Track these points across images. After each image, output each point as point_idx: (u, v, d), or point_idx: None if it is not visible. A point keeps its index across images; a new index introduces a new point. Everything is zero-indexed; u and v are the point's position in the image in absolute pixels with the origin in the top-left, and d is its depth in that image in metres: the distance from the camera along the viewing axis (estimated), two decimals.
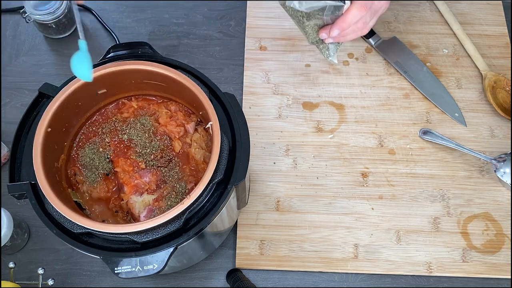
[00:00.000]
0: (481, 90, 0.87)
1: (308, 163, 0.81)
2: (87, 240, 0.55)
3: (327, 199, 0.79)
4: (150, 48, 0.63)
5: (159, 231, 0.53)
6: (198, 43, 0.92)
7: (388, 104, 0.86)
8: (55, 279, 0.69)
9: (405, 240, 0.76)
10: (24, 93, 0.88)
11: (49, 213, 0.55)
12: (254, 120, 0.84)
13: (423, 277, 0.75)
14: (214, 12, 0.95)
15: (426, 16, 0.94)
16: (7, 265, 0.68)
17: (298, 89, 0.87)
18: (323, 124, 0.84)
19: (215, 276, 0.75)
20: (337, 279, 0.75)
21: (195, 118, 0.65)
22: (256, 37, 0.91)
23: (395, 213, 0.78)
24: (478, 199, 0.79)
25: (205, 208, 0.55)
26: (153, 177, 0.60)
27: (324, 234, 0.76)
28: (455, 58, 0.90)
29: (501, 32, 0.92)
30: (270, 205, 0.78)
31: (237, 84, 0.89)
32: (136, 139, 0.62)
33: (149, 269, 0.53)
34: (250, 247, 0.76)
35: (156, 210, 0.58)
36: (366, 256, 0.75)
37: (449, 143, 0.81)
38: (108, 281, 0.75)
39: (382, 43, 0.90)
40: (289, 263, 0.75)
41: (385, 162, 0.81)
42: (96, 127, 0.64)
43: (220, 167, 0.55)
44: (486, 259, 0.75)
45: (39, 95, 0.60)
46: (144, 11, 0.95)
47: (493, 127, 0.84)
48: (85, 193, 0.61)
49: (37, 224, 0.77)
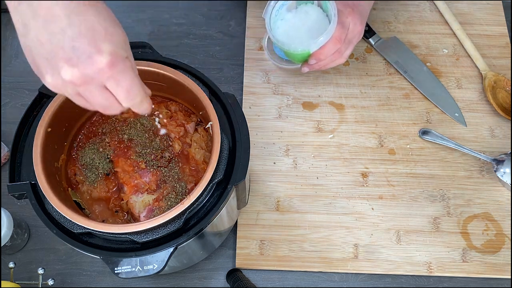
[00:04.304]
0: (481, 90, 0.87)
1: (308, 163, 0.81)
2: (87, 240, 0.55)
3: (327, 199, 0.79)
4: (150, 48, 0.63)
5: (159, 231, 0.53)
6: (198, 43, 0.92)
7: (388, 104, 0.86)
8: (55, 279, 0.69)
9: (405, 240, 0.76)
10: (24, 93, 0.88)
11: (49, 213, 0.55)
12: (254, 120, 0.84)
13: (423, 277, 0.75)
14: (214, 12, 0.95)
15: (426, 16, 0.94)
16: (7, 265, 0.68)
17: (298, 89, 0.87)
18: (323, 124, 0.84)
19: (215, 276, 0.76)
20: (337, 279, 0.75)
21: (195, 118, 0.65)
22: (256, 37, 0.91)
23: (395, 213, 0.78)
24: (478, 199, 0.79)
25: (205, 208, 0.55)
26: (153, 177, 0.60)
27: (324, 234, 0.76)
28: (455, 58, 0.90)
29: (501, 32, 0.92)
30: (270, 205, 0.78)
31: (237, 84, 0.89)
32: (136, 139, 0.62)
33: (149, 269, 0.53)
34: (250, 247, 0.76)
35: (156, 210, 0.58)
36: (366, 256, 0.75)
37: (449, 143, 0.81)
38: (108, 281, 0.75)
39: (382, 43, 0.90)
40: (289, 263, 0.75)
41: (385, 162, 0.81)
42: (96, 127, 0.64)
43: (220, 167, 0.55)
44: (486, 259, 0.75)
45: (39, 95, 0.60)
46: (144, 11, 0.95)
47: (493, 127, 0.84)
48: (85, 193, 0.61)
49: (37, 224, 0.77)
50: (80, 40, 0.42)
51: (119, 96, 0.46)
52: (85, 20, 0.42)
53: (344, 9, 0.73)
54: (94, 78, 0.43)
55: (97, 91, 0.45)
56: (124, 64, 0.45)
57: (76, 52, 0.42)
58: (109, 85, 0.45)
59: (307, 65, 0.78)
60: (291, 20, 0.77)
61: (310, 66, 0.78)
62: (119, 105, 0.47)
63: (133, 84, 0.46)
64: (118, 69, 0.44)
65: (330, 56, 0.75)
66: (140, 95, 0.47)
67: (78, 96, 0.46)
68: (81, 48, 0.42)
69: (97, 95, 0.45)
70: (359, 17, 0.74)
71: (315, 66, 0.77)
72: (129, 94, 0.46)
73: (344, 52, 0.76)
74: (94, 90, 0.45)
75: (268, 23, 0.76)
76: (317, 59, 0.75)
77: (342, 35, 0.73)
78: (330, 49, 0.73)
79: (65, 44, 0.42)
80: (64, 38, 0.42)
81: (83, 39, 0.42)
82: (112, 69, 0.43)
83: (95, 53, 0.42)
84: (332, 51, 0.74)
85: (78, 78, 0.43)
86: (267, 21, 0.76)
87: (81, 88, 0.44)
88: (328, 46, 0.73)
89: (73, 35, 0.42)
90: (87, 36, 0.42)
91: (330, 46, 0.73)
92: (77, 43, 0.42)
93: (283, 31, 0.77)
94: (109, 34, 0.43)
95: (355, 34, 0.75)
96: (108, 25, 0.44)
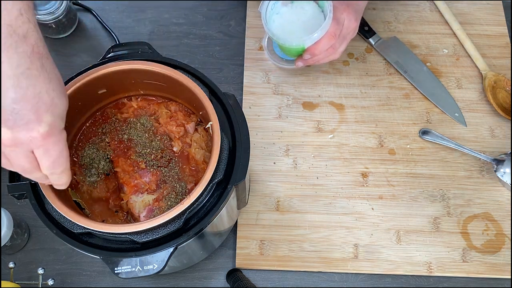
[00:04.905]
0: (481, 90, 0.87)
1: (308, 163, 0.81)
2: (87, 240, 0.55)
3: (327, 199, 0.79)
4: (150, 48, 0.63)
5: (159, 231, 0.53)
6: (198, 43, 0.92)
7: (388, 104, 0.86)
8: (55, 279, 0.69)
9: (405, 240, 0.76)
10: None
11: (49, 213, 0.54)
12: (254, 120, 0.84)
13: (423, 277, 0.75)
14: (214, 12, 0.95)
15: (426, 16, 0.94)
16: (7, 265, 0.68)
17: (298, 89, 0.87)
18: (323, 124, 0.84)
19: (215, 276, 0.75)
20: (337, 279, 0.75)
21: (195, 118, 0.64)
22: (256, 37, 0.91)
23: (395, 213, 0.78)
24: (478, 199, 0.79)
25: (205, 208, 0.55)
26: (153, 177, 0.60)
27: (324, 234, 0.76)
28: (455, 58, 0.90)
29: (501, 32, 0.92)
30: (270, 205, 0.78)
31: (237, 84, 0.89)
32: (136, 139, 0.62)
33: (149, 269, 0.53)
34: (250, 247, 0.76)
35: (156, 210, 0.58)
36: (366, 256, 0.75)
37: (449, 143, 0.81)
38: (108, 281, 0.75)
39: (382, 43, 0.90)
40: (289, 263, 0.75)
41: (385, 162, 0.81)
42: (96, 127, 0.64)
43: (220, 167, 0.55)
44: (486, 259, 0.75)
45: None
46: (144, 11, 0.95)
47: (493, 127, 0.84)
48: (85, 193, 0.61)
49: (37, 224, 0.77)
50: (22, 104, 0.41)
51: (43, 164, 0.45)
52: (34, 86, 0.41)
53: (339, 5, 0.74)
54: (24, 144, 0.43)
55: (23, 154, 0.44)
56: (59, 136, 0.44)
57: (14, 115, 0.41)
58: (37, 153, 0.44)
59: (301, 59, 0.79)
60: (287, 15, 0.78)
61: (304, 61, 0.79)
62: (40, 172, 0.46)
63: (61, 156, 0.45)
64: (51, 140, 0.43)
65: (324, 51, 0.76)
66: (63, 167, 0.46)
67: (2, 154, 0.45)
68: (20, 112, 0.41)
69: (21, 158, 0.44)
70: (354, 14, 0.75)
71: (309, 61, 0.78)
72: (54, 165, 0.45)
73: (338, 48, 0.77)
74: (20, 154, 0.44)
75: (264, 17, 0.77)
76: (312, 54, 0.76)
77: (337, 31, 0.74)
78: (324, 45, 0.74)
79: (7, 106, 0.41)
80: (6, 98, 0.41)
81: (26, 104, 0.41)
82: (46, 140, 0.43)
83: (34, 121, 0.42)
84: (327, 47, 0.75)
85: (9, 140, 0.42)
86: (263, 15, 0.77)
87: (8, 150, 0.44)
88: (323, 42, 0.74)
89: (16, 98, 0.41)
90: (30, 102, 0.41)
91: (324, 41, 0.74)
92: (18, 106, 0.41)
93: (279, 25, 0.78)
94: (53, 105, 0.43)
95: (349, 30, 0.76)
96: (55, 95, 0.43)
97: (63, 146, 0.45)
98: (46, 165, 0.45)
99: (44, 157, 0.45)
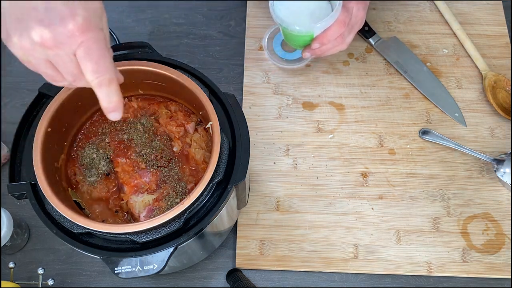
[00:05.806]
0: (481, 90, 0.87)
1: (308, 163, 0.81)
2: (87, 240, 0.55)
3: (327, 199, 0.79)
4: (150, 48, 0.63)
5: (159, 231, 0.53)
6: (198, 43, 0.92)
7: (388, 104, 0.86)
8: (55, 279, 0.69)
9: (405, 240, 0.76)
10: (24, 93, 0.88)
11: (49, 213, 0.54)
12: (254, 120, 0.84)
13: (423, 277, 0.75)
14: (214, 12, 0.95)
15: (426, 16, 0.94)
16: (7, 265, 0.68)
17: (298, 89, 0.87)
18: (323, 124, 0.84)
19: (215, 276, 0.75)
20: (337, 279, 0.75)
21: (195, 118, 0.65)
22: (256, 37, 0.91)
23: (395, 213, 0.78)
24: (478, 199, 0.79)
25: (205, 208, 0.55)
26: (153, 177, 0.60)
27: (324, 234, 0.76)
28: (455, 58, 0.90)
29: (501, 32, 0.92)
30: (270, 205, 0.78)
31: (237, 84, 0.89)
32: (136, 139, 0.62)
33: (149, 269, 0.53)
34: (250, 247, 0.76)
35: (156, 210, 0.58)
36: (366, 256, 0.75)
37: (449, 143, 0.81)
38: (108, 281, 0.75)
39: (382, 43, 0.90)
40: (289, 263, 0.75)
41: (385, 162, 0.81)
42: (96, 127, 0.64)
43: (220, 167, 0.55)
44: (486, 259, 0.75)
45: (39, 95, 0.60)
46: (144, 11, 0.95)
47: (493, 127, 0.84)
48: (85, 193, 0.61)
49: (37, 224, 0.77)
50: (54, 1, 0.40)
51: (87, 67, 0.43)
52: None
53: None
54: (64, 43, 0.41)
55: (67, 57, 0.43)
56: (97, 34, 0.42)
57: (49, 13, 0.40)
58: (79, 54, 0.42)
59: (309, 49, 0.77)
60: (295, 3, 0.76)
61: (312, 51, 0.77)
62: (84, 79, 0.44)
63: (104, 57, 0.43)
64: (90, 36, 0.42)
65: (333, 40, 0.74)
66: (109, 72, 0.44)
67: (46, 63, 0.44)
68: (54, 9, 0.40)
69: (67, 61, 0.43)
70: (362, 3, 0.74)
71: (317, 51, 0.77)
72: (98, 67, 0.43)
73: (346, 37, 0.75)
74: (64, 56, 0.42)
75: (271, 4, 0.75)
76: (321, 42, 0.74)
77: (346, 19, 0.73)
78: (334, 32, 0.73)
79: (39, 5, 0.40)
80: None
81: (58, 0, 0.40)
82: (84, 35, 0.41)
83: (68, 16, 0.41)
84: (336, 35, 0.73)
85: (48, 40, 0.41)
86: (270, 3, 0.75)
87: (51, 53, 0.42)
88: (333, 29, 0.73)
89: None
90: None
91: (334, 29, 0.73)
92: (51, 4, 0.40)
93: (287, 13, 0.76)
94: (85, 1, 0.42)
95: (357, 19, 0.75)
96: None
97: (104, 46, 0.43)
98: (90, 69, 0.43)
99: (87, 57, 0.42)
